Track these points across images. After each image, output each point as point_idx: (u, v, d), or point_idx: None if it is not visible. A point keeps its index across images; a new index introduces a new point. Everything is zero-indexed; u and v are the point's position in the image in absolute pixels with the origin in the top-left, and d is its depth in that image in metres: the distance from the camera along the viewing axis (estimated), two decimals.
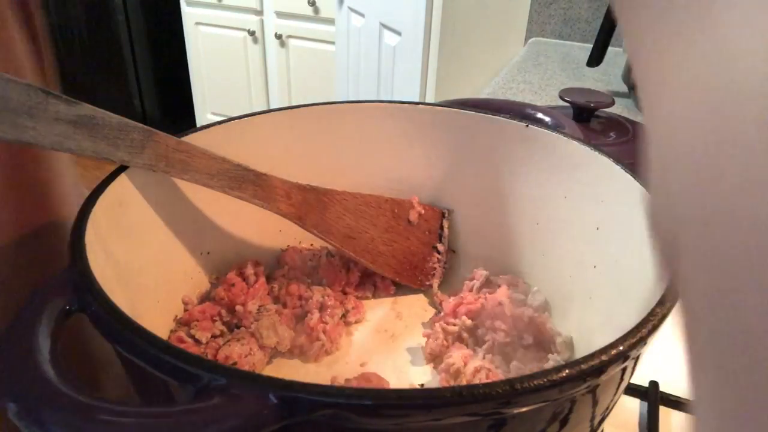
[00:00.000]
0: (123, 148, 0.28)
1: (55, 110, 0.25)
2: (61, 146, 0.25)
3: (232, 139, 0.37)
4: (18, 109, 0.24)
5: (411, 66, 1.34)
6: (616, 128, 0.63)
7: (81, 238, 0.25)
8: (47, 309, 0.22)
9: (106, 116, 0.27)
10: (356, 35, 1.58)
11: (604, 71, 1.07)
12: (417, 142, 0.42)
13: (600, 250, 0.34)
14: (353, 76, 1.65)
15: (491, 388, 0.18)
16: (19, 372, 0.19)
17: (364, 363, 0.36)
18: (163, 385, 0.21)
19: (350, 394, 0.18)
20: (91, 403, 0.18)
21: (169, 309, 0.36)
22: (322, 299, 0.38)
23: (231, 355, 0.33)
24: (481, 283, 0.41)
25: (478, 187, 0.42)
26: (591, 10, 1.26)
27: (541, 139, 0.38)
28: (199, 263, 0.38)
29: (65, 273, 0.23)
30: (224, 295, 0.36)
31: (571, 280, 0.37)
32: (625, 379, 0.24)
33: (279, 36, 2.08)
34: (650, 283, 0.26)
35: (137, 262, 0.31)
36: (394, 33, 1.41)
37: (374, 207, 0.42)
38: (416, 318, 0.40)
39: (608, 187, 0.34)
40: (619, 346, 0.20)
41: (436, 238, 0.43)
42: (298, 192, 0.37)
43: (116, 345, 0.21)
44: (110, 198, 0.29)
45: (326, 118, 0.41)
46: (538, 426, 0.21)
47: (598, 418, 0.24)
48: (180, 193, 0.35)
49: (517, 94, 0.95)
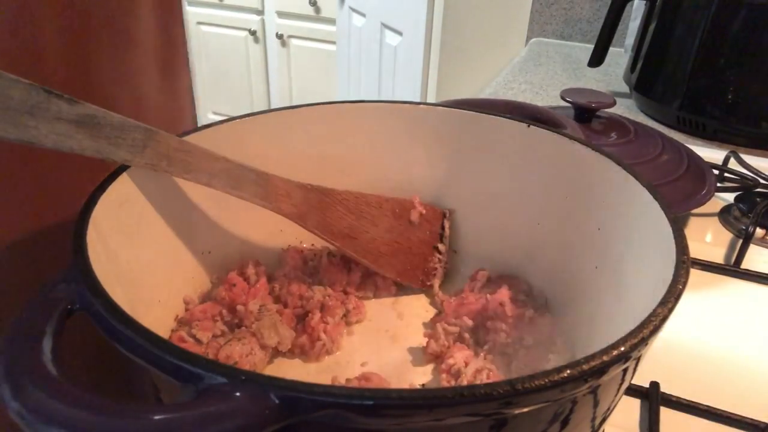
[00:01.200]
0: (124, 147, 0.28)
1: (56, 109, 0.25)
2: (63, 145, 0.25)
3: (234, 138, 0.37)
4: (19, 108, 0.24)
5: (412, 66, 1.34)
6: (617, 129, 0.63)
7: (82, 237, 0.25)
8: (49, 308, 0.22)
9: (108, 116, 0.27)
10: (357, 35, 1.58)
11: (605, 71, 1.06)
12: (418, 141, 0.42)
13: (601, 250, 0.34)
14: (354, 75, 1.65)
15: (492, 388, 0.18)
16: (21, 371, 0.19)
17: (365, 363, 0.36)
18: (164, 384, 0.21)
19: (351, 394, 0.18)
20: (92, 402, 0.18)
21: (170, 308, 0.36)
22: (323, 299, 0.38)
23: (232, 355, 0.33)
24: (482, 283, 0.41)
25: (479, 187, 0.42)
26: (592, 10, 1.26)
27: (543, 140, 0.38)
28: (200, 263, 0.38)
29: (67, 272, 0.23)
30: (225, 294, 0.36)
31: (572, 281, 0.37)
32: (627, 380, 0.24)
33: (280, 36, 2.08)
34: (652, 283, 0.26)
35: (138, 261, 0.31)
36: (395, 33, 1.40)
37: (375, 207, 0.42)
38: (417, 318, 0.40)
39: (609, 187, 0.34)
40: (621, 347, 0.20)
41: (437, 238, 0.43)
42: (299, 192, 0.37)
43: (117, 344, 0.21)
44: (111, 197, 0.29)
45: (327, 118, 0.41)
46: (539, 426, 0.21)
47: (599, 419, 0.24)
48: (181, 192, 0.35)
49: (518, 95, 0.95)
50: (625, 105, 0.91)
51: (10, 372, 0.19)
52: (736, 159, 0.65)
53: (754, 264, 0.50)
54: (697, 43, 0.78)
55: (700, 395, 0.36)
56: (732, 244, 0.54)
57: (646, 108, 0.88)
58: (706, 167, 0.58)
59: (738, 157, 0.65)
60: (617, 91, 0.97)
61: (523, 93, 0.96)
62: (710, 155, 0.66)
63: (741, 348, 0.41)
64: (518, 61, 1.13)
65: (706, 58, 0.77)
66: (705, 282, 0.48)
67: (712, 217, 0.58)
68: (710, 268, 0.49)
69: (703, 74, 0.78)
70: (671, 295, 0.23)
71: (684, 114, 0.81)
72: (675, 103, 0.82)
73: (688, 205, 0.52)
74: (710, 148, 0.74)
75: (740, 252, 0.51)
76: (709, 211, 0.58)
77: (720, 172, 0.64)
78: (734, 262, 0.50)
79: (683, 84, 0.80)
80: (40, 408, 0.18)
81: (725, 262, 0.51)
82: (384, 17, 1.43)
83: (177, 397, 0.19)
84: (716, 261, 0.50)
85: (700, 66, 0.78)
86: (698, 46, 0.78)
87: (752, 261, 0.51)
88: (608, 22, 0.91)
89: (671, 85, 0.82)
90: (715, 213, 0.58)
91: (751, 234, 0.52)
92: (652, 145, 0.60)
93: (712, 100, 0.79)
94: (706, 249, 0.53)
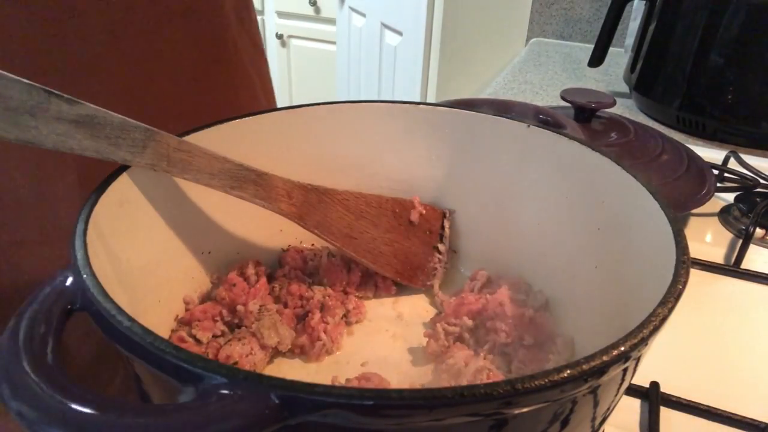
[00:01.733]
0: (124, 147, 0.28)
1: (56, 109, 0.25)
2: (63, 146, 0.25)
3: (234, 138, 0.37)
4: (19, 108, 0.24)
5: (412, 66, 1.34)
6: (617, 129, 0.63)
7: (82, 237, 0.25)
8: (49, 308, 0.22)
9: (108, 116, 0.27)
10: (357, 35, 1.58)
11: (605, 71, 1.07)
12: (418, 141, 0.42)
13: (601, 250, 0.34)
14: (354, 75, 1.65)
15: (492, 388, 0.18)
16: (22, 371, 0.19)
17: (365, 363, 0.36)
18: (165, 384, 0.21)
19: (351, 394, 0.18)
20: (92, 402, 0.18)
21: (170, 308, 0.36)
22: (323, 299, 0.38)
23: (232, 355, 0.33)
24: (482, 283, 0.41)
25: (479, 188, 0.42)
26: (592, 10, 1.26)
27: (543, 140, 0.38)
28: (200, 263, 0.38)
29: (66, 272, 0.23)
30: (225, 295, 0.36)
31: (572, 281, 0.37)
32: (627, 380, 0.24)
33: (280, 36, 2.08)
34: (651, 283, 0.26)
35: (138, 261, 0.31)
36: (395, 33, 1.41)
37: (375, 207, 0.42)
38: (417, 318, 0.40)
39: (609, 187, 0.34)
40: (621, 347, 0.20)
41: (437, 238, 0.43)
42: (299, 191, 0.37)
43: (117, 344, 0.21)
44: (111, 197, 0.29)
45: (327, 118, 0.41)
46: (539, 426, 0.21)
47: (599, 419, 0.24)
48: (181, 192, 0.35)
49: (518, 95, 0.95)
50: (625, 105, 0.91)
51: (10, 372, 0.19)
52: (736, 159, 0.65)
53: (754, 264, 0.50)
54: (697, 43, 0.78)
55: (700, 395, 0.36)
56: (732, 244, 0.54)
57: (646, 108, 0.88)
58: (706, 167, 0.58)
59: (738, 157, 0.65)
60: (617, 91, 0.98)
61: (523, 93, 0.96)
62: (710, 155, 0.67)
63: (741, 348, 0.41)
64: (518, 62, 1.13)
65: (706, 58, 0.78)
66: (705, 282, 0.48)
67: (712, 217, 0.58)
68: (710, 268, 0.49)
69: (703, 74, 0.78)
70: (671, 295, 0.23)
71: (684, 114, 0.81)
72: (675, 103, 0.82)
73: (688, 205, 0.52)
74: (710, 148, 0.74)
75: (740, 252, 0.51)
76: (709, 211, 0.58)
77: (720, 172, 0.64)
78: (734, 262, 0.50)
79: (683, 84, 0.80)
80: (40, 408, 0.18)
81: (725, 262, 0.51)
82: (384, 17, 1.43)
83: (177, 398, 0.19)
84: (716, 261, 0.50)
85: (700, 66, 0.78)
86: (698, 46, 0.78)
87: (752, 261, 0.51)
88: (608, 22, 0.91)
89: (671, 85, 0.82)
90: (715, 213, 0.58)
91: (751, 234, 0.52)
92: (652, 145, 0.60)
93: (712, 100, 0.79)
94: (706, 249, 0.53)
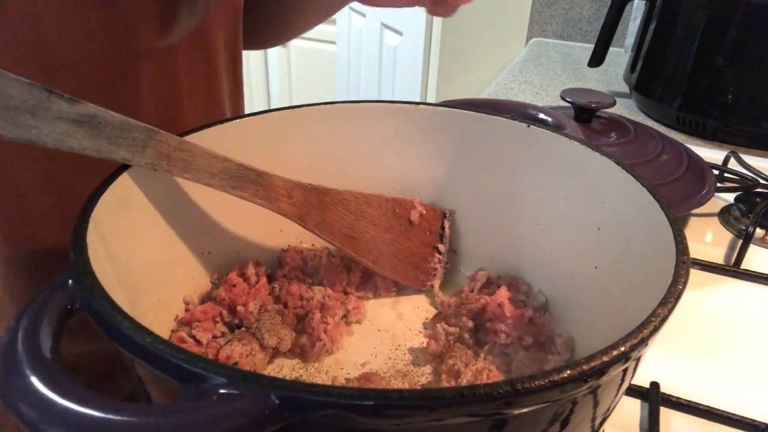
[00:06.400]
0: (125, 147, 0.28)
1: (57, 109, 0.25)
2: (63, 145, 0.25)
3: (234, 138, 0.37)
4: (20, 108, 0.24)
5: (412, 66, 1.34)
6: (617, 129, 0.63)
7: (82, 237, 0.25)
8: (49, 308, 0.22)
9: (108, 115, 0.27)
10: (357, 35, 1.58)
11: (605, 71, 1.07)
12: (418, 142, 0.42)
13: (601, 250, 0.34)
14: (354, 75, 1.65)
15: (492, 388, 0.18)
16: (22, 371, 0.19)
17: (365, 363, 0.36)
18: (165, 384, 0.21)
19: (351, 394, 0.18)
20: (93, 402, 0.18)
21: (170, 309, 0.36)
22: (323, 299, 0.38)
23: (232, 355, 0.33)
24: (482, 283, 0.41)
25: (479, 188, 0.42)
26: (592, 10, 1.26)
27: (543, 140, 0.38)
28: (201, 263, 0.38)
29: (67, 272, 0.23)
30: (225, 295, 0.36)
31: (572, 281, 0.37)
32: (627, 380, 0.24)
33: None
34: (652, 283, 0.26)
35: (138, 261, 0.31)
36: (396, 33, 1.41)
37: (375, 207, 0.42)
38: (417, 318, 0.40)
39: (609, 187, 0.34)
40: (621, 347, 0.20)
41: (437, 239, 0.43)
42: (299, 191, 0.37)
43: (117, 344, 0.21)
44: (112, 197, 0.29)
45: (327, 118, 0.41)
46: (539, 427, 0.21)
47: (599, 419, 0.24)
48: (181, 192, 0.35)
49: (518, 95, 0.95)
50: (625, 105, 0.91)
51: (10, 372, 0.19)
52: (736, 159, 0.65)
53: (754, 264, 0.50)
54: (697, 43, 0.78)
55: (700, 395, 0.36)
56: (732, 244, 0.54)
57: (646, 108, 0.88)
58: (706, 167, 0.58)
59: (738, 157, 0.65)
60: (617, 91, 0.98)
61: (523, 93, 0.96)
62: (710, 155, 0.67)
63: (741, 348, 0.41)
64: (518, 61, 1.13)
65: (706, 58, 0.78)
66: (705, 282, 0.48)
67: (712, 217, 0.58)
68: (710, 268, 0.49)
69: (703, 74, 0.78)
70: (671, 295, 0.23)
71: (684, 114, 0.81)
72: (675, 103, 0.82)
73: (688, 205, 0.52)
74: (710, 148, 0.75)
75: (740, 252, 0.51)
76: (709, 211, 0.58)
77: (720, 172, 0.64)
78: (734, 263, 0.50)
79: (683, 84, 0.80)
80: (40, 408, 0.18)
81: (725, 262, 0.51)
82: (384, 17, 1.43)
83: (177, 398, 0.19)
84: (716, 261, 0.50)
85: (700, 66, 0.78)
86: (698, 46, 0.78)
87: (752, 261, 0.51)
88: (608, 22, 0.91)
89: (671, 85, 0.82)
90: (715, 213, 0.58)
91: (751, 234, 0.52)
92: (652, 145, 0.60)
93: (711, 100, 0.79)
94: (706, 249, 0.53)
